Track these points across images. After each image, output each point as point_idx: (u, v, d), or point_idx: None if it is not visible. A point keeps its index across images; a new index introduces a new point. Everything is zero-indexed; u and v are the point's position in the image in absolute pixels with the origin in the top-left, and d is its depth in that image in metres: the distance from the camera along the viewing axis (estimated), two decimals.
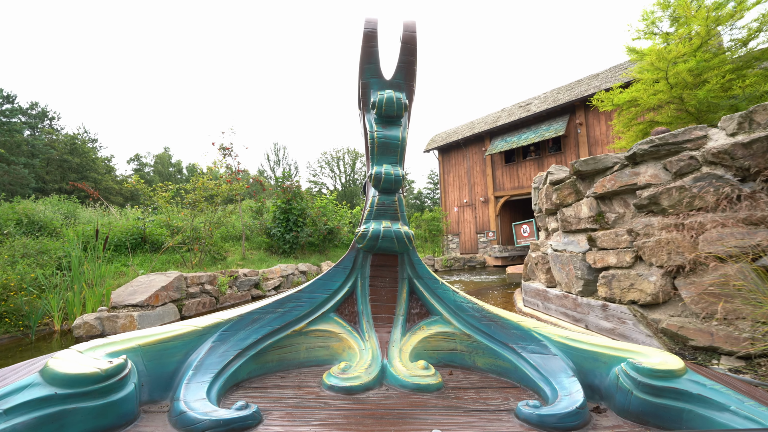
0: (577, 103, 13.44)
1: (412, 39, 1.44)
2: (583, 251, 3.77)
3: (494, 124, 16.10)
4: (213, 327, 1.17)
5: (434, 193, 45.82)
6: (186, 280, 5.82)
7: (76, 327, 4.45)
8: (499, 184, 16.33)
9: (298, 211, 10.75)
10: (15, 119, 31.06)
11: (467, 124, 18.43)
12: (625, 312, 3.18)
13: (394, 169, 1.41)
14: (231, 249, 10.38)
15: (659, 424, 0.94)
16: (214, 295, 6.39)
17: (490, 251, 16.30)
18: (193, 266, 7.81)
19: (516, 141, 14.91)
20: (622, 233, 3.34)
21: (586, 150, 13.33)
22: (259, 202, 10.97)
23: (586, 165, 3.80)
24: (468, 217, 17.67)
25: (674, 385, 0.94)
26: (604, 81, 12.86)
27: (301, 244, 10.90)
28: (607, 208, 3.65)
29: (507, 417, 0.99)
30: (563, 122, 13.72)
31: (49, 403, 0.77)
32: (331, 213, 12.55)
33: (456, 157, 18.40)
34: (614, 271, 3.38)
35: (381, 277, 1.47)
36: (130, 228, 8.01)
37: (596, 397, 1.08)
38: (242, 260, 9.35)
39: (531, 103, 15.46)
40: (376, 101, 1.41)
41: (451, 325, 1.38)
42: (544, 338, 1.24)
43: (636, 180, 3.34)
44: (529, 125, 15.03)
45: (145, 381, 0.99)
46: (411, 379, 1.16)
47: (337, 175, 41.96)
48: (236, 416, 0.87)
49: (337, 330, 1.35)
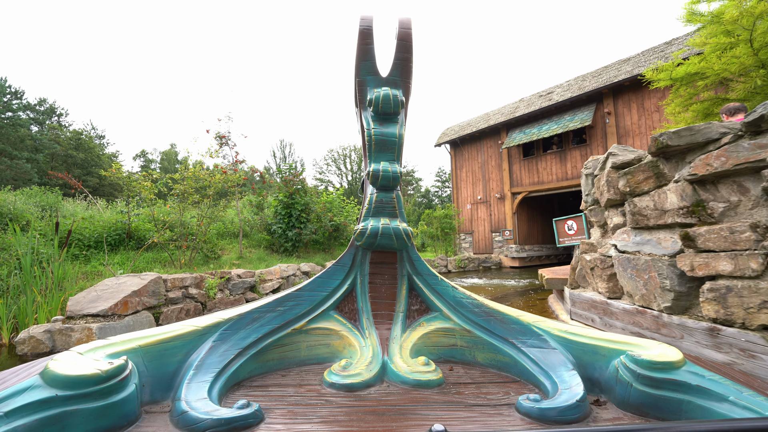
0: (605, 90, 12.34)
1: (407, 36, 1.43)
2: (671, 254, 2.80)
3: (512, 114, 15.04)
4: (213, 326, 1.16)
5: (442, 191, 44.77)
6: (166, 284, 4.97)
7: (20, 342, 3.61)
8: (517, 179, 15.27)
9: (302, 206, 9.87)
10: (21, 114, 30.88)
11: (482, 116, 17.38)
12: (755, 341, 2.21)
13: (392, 166, 1.40)
14: (227, 247, 9.55)
15: (659, 416, 0.94)
16: (200, 301, 5.54)
17: (507, 251, 15.27)
18: (182, 266, 6.98)
19: (536, 133, 13.85)
20: (742, 229, 2.37)
21: (615, 141, 12.21)
22: (259, 196, 10.12)
23: (679, 138, 2.81)
24: (482, 214, 16.65)
25: (673, 377, 0.94)
26: (636, 65, 11.74)
27: (304, 242, 10.03)
28: (711, 195, 2.67)
29: (508, 411, 0.99)
30: (589, 111, 12.63)
31: (50, 405, 0.77)
32: (337, 209, 11.66)
33: (469, 151, 17.37)
34: (729, 281, 2.41)
35: (380, 274, 1.46)
36: (113, 223, 7.21)
37: (596, 390, 1.08)
38: (239, 259, 8.51)
39: (553, 92, 14.36)
40: (372, 99, 1.40)
41: (450, 321, 1.38)
42: (544, 332, 1.24)
43: (762, 155, 2.36)
44: (551, 116, 13.95)
45: (146, 381, 0.98)
46: (412, 375, 1.15)
47: (343, 173, 41.29)
48: (238, 415, 0.86)
49: (338, 328, 1.36)
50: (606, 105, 12.46)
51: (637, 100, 11.75)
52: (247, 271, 6.88)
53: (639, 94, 11.72)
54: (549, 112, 13.97)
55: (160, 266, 6.88)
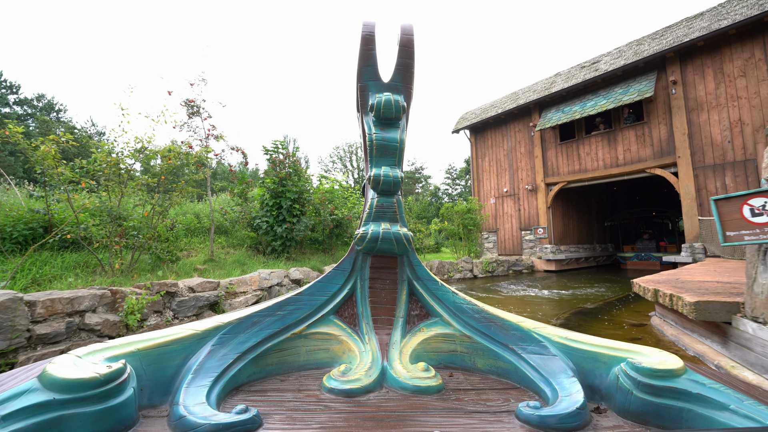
0: (669, 54, 9.99)
1: (409, 42, 1.43)
2: None
3: (547, 91, 12.73)
4: (212, 330, 1.14)
5: (452, 188, 42.45)
6: (31, 310, 2.83)
7: None
8: (552, 167, 12.96)
9: (295, 195, 7.72)
10: (8, 110, 29.47)
11: (509, 96, 15.08)
12: None
13: (393, 171, 1.38)
14: (199, 247, 7.45)
15: (659, 424, 0.94)
16: (109, 333, 3.40)
17: (540, 252, 12.96)
18: (116, 273, 4.88)
19: (579, 111, 11.54)
20: None
21: (682, 116, 9.87)
22: (241, 184, 8.02)
23: None
24: (509, 209, 14.35)
25: (674, 385, 0.94)
26: (716, 18, 9.38)
27: (297, 240, 7.88)
28: None
29: (508, 418, 0.98)
30: (649, 81, 10.29)
31: (48, 408, 0.76)
32: (339, 200, 9.50)
33: (493, 137, 15.08)
34: None
35: (380, 279, 1.44)
36: (24, 213, 5.13)
37: (596, 397, 1.07)
38: (207, 263, 6.39)
39: (599, 61, 12.01)
40: (374, 104, 1.38)
41: (451, 327, 1.36)
42: (544, 339, 1.22)
43: None
44: (596, 90, 11.63)
45: (144, 385, 0.97)
46: (411, 381, 1.13)
47: (349, 171, 39.43)
48: (236, 420, 0.85)
49: (337, 332, 1.33)
50: (671, 72, 10.12)
51: (714, 65, 9.41)
52: (207, 281, 4.74)
53: (716, 57, 9.37)
54: (594, 86, 11.64)
55: (87, 274, 4.78)
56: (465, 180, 40.45)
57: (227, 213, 7.97)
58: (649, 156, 10.58)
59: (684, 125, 9.82)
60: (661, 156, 10.33)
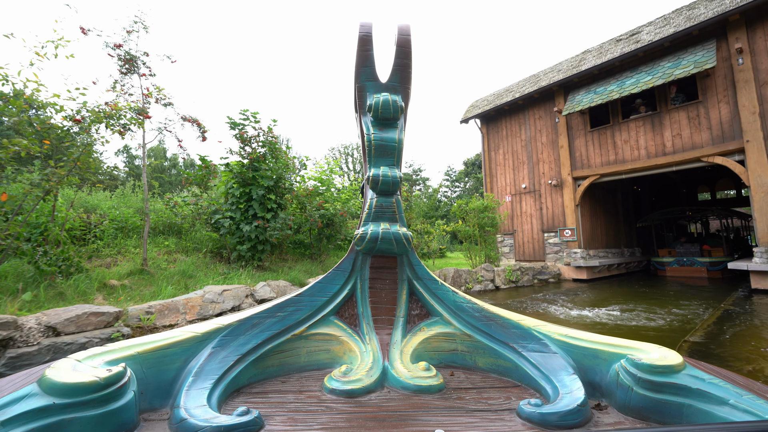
0: (733, 17, 8.22)
1: (406, 42, 1.43)
2: None
3: (576, 69, 10.91)
4: (212, 333, 1.13)
5: (452, 191, 40.65)
6: None
7: None
8: (582, 159, 11.11)
9: (270, 182, 5.74)
10: None
11: (527, 79, 13.26)
12: None
13: (392, 171, 1.39)
14: (135, 251, 5.41)
15: (660, 420, 0.94)
16: None
17: (568, 258, 11.06)
18: None
19: (616, 90, 9.71)
20: None
21: (751, 92, 8.07)
22: (200, 169, 6.00)
23: None
24: (528, 208, 12.47)
25: (674, 381, 0.94)
26: None
27: (273, 242, 5.87)
28: None
29: (509, 416, 0.99)
30: (707, 51, 8.50)
31: (48, 413, 0.75)
32: (329, 193, 7.53)
33: (509, 126, 13.23)
34: None
35: (380, 279, 1.45)
36: None
37: (597, 394, 1.08)
38: (133, 276, 4.36)
39: (640, 32, 10.21)
40: (372, 104, 1.40)
41: (451, 326, 1.37)
42: (545, 336, 1.23)
43: None
44: (636, 66, 9.83)
45: (145, 389, 0.97)
46: (412, 381, 1.14)
47: (345, 173, 37.65)
48: (238, 422, 0.85)
49: (338, 333, 1.33)
50: (734, 40, 8.34)
51: None
52: (97, 311, 2.73)
53: None
54: (634, 61, 9.85)
55: None
56: (464, 183, 38.81)
57: (177, 206, 5.94)
58: (706, 142, 8.75)
59: (753, 103, 8.02)
60: (722, 141, 8.51)
